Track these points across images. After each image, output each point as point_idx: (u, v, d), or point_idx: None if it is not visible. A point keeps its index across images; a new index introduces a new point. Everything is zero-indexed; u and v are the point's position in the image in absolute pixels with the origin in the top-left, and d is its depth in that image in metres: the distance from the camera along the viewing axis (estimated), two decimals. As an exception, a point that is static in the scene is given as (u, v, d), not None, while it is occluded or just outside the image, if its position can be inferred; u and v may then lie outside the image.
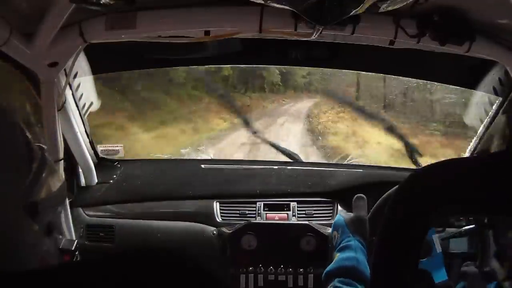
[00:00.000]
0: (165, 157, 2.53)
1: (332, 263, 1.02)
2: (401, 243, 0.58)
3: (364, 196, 1.16)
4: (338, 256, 1.03)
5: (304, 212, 1.59)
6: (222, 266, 1.50)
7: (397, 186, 0.64)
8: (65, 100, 1.38)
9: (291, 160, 1.94)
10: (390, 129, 2.75)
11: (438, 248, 1.02)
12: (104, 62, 1.48)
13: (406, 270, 0.58)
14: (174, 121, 3.62)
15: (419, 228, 0.59)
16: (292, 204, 1.60)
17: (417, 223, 0.58)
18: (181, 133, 3.55)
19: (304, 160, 2.07)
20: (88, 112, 1.59)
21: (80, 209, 1.60)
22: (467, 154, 1.67)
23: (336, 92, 3.49)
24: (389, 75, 1.65)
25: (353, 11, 0.94)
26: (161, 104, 3.68)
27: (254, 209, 1.59)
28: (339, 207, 1.61)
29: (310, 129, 3.68)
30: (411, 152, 2.10)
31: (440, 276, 1.01)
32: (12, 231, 0.46)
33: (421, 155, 2.05)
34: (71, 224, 1.49)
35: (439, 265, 1.02)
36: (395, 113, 3.14)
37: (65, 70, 1.30)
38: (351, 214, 1.14)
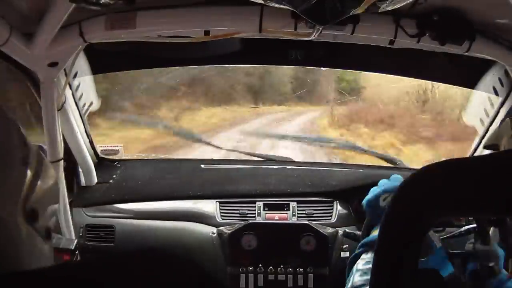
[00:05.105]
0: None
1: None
2: (401, 244, 0.58)
3: None
4: None
5: (304, 212, 1.59)
6: (221, 266, 1.50)
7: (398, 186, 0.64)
8: (65, 100, 1.38)
9: (292, 160, 1.93)
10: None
11: (438, 243, 1.02)
12: (104, 62, 1.49)
13: (407, 270, 0.58)
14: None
15: (419, 228, 0.59)
16: (292, 204, 1.60)
17: (417, 224, 0.58)
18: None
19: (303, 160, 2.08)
20: (88, 112, 1.59)
21: (80, 209, 1.60)
22: (468, 154, 1.67)
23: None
24: (389, 75, 1.64)
25: (353, 11, 0.94)
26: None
27: (254, 209, 1.59)
28: (339, 207, 1.62)
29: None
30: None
31: (447, 269, 1.00)
32: (11, 236, 0.46)
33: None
34: (71, 224, 1.49)
35: (443, 259, 1.01)
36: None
37: (65, 70, 1.30)
38: None
